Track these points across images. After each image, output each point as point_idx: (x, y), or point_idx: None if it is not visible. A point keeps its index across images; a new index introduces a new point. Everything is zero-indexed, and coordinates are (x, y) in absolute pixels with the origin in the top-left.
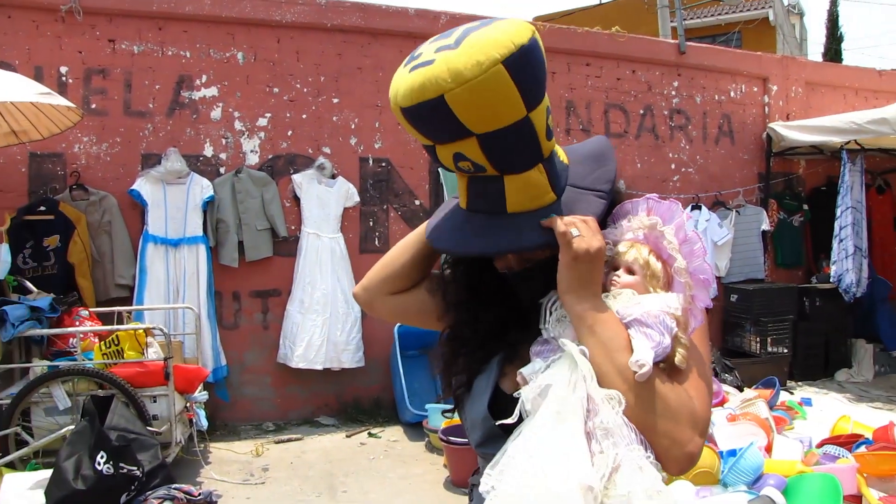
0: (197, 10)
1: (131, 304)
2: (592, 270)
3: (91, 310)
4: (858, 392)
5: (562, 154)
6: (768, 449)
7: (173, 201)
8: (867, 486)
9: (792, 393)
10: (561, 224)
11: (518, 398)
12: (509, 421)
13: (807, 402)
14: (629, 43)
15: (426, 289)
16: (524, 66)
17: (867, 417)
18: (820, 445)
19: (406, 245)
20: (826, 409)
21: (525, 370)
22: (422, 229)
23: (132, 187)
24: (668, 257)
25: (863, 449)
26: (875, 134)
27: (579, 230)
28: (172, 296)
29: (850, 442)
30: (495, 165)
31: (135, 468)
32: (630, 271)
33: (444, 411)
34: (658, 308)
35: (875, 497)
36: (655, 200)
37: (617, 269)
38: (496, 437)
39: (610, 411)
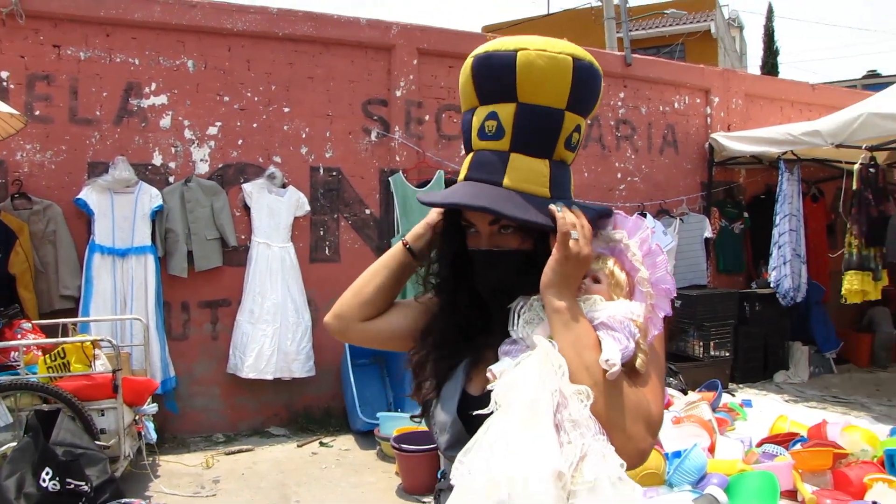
0: (146, 17)
1: (76, 316)
2: (577, 273)
3: (34, 322)
4: (795, 392)
5: (570, 186)
6: (711, 449)
7: (121, 210)
8: (802, 482)
9: (733, 395)
10: (565, 223)
11: (487, 397)
12: (484, 412)
13: (747, 403)
14: None
15: (397, 312)
16: (585, 74)
17: (803, 416)
18: (759, 445)
19: (376, 269)
20: (765, 409)
21: (495, 367)
22: (392, 251)
23: (78, 196)
24: (631, 268)
25: (798, 446)
26: (809, 145)
27: (578, 233)
28: (120, 307)
29: (787, 440)
30: (513, 136)
31: (83, 483)
32: (596, 280)
33: (412, 416)
34: (623, 314)
35: (808, 491)
36: (622, 216)
37: (585, 277)
38: (464, 441)
39: (578, 405)
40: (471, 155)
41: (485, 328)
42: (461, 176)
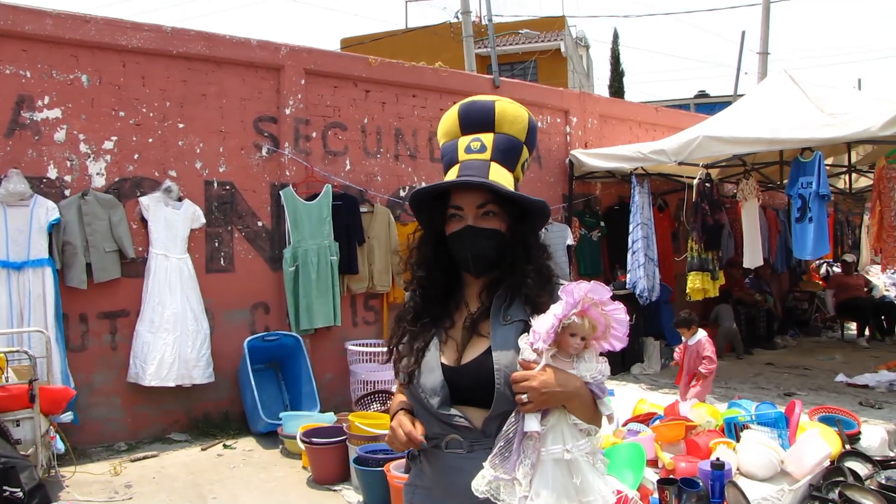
0: (38, 30)
1: None
2: (553, 399)
3: None
4: (650, 382)
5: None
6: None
7: (15, 223)
8: (662, 451)
9: None
10: (517, 387)
11: (461, 367)
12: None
13: (610, 392)
14: (450, 77)
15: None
16: (533, 124)
17: (658, 400)
18: (625, 424)
19: None
20: (626, 396)
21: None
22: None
23: None
24: (599, 320)
25: (657, 423)
26: (656, 162)
27: (527, 394)
28: (17, 320)
29: (647, 419)
30: (493, 151)
31: (17, 490)
32: (583, 338)
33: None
34: (602, 376)
35: (667, 458)
36: (598, 284)
37: (574, 335)
38: (449, 401)
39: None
40: (458, 164)
41: (447, 311)
42: (452, 176)
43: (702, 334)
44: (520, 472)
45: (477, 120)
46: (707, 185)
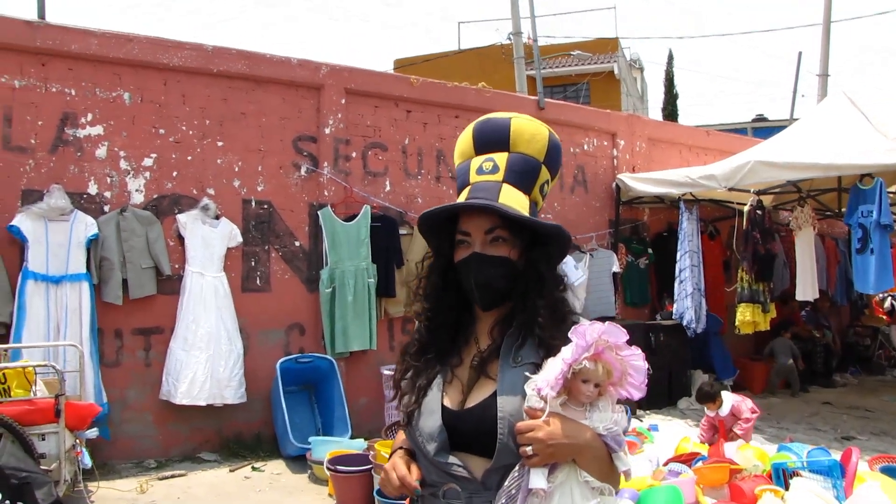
0: (83, 49)
1: (8, 342)
2: (562, 452)
3: None
4: (697, 417)
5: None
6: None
7: (55, 238)
8: (703, 495)
9: (641, 420)
10: (522, 438)
11: (464, 412)
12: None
13: (654, 427)
14: (494, 98)
15: None
16: (555, 142)
17: None
18: (666, 464)
19: None
20: (670, 432)
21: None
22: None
23: (11, 223)
24: (615, 366)
25: (700, 464)
26: (706, 187)
27: (532, 446)
28: (53, 333)
29: (689, 459)
30: (506, 172)
31: None
32: (597, 385)
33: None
34: (618, 427)
35: (708, 503)
36: (613, 326)
37: (587, 381)
38: (448, 448)
39: None
40: (468, 187)
41: (455, 346)
42: (461, 199)
43: (731, 399)
44: None
45: (491, 139)
46: (759, 212)
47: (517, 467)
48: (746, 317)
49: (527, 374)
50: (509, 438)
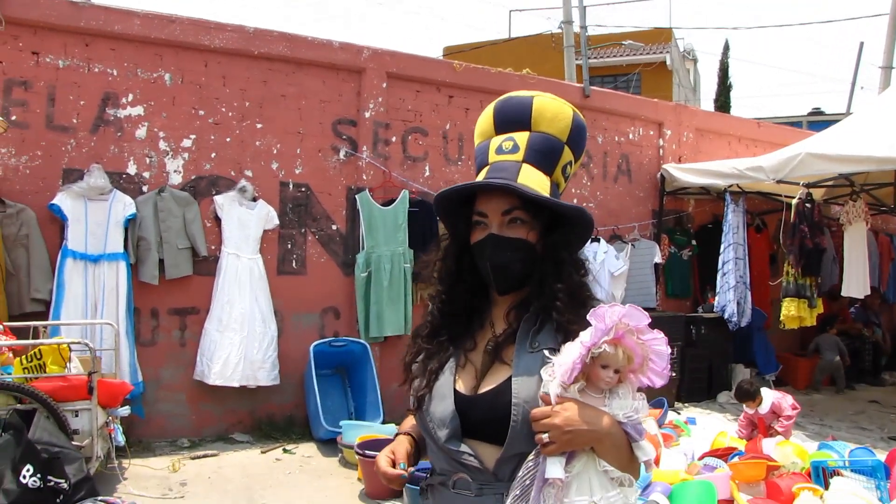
0: (126, 30)
1: (47, 319)
2: (580, 439)
3: (4, 324)
4: (736, 412)
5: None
6: (656, 462)
7: (94, 217)
8: (738, 491)
9: (679, 413)
10: (537, 425)
11: (477, 397)
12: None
13: (692, 420)
14: (538, 85)
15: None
16: (579, 122)
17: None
18: (701, 458)
19: None
20: (708, 426)
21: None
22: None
23: (52, 202)
24: (636, 350)
25: (736, 459)
26: (753, 179)
27: (548, 433)
28: (90, 311)
29: (726, 454)
30: (527, 152)
31: (62, 481)
32: (616, 370)
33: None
34: (638, 415)
35: (744, 500)
36: (634, 308)
37: (607, 366)
38: (459, 436)
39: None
40: (487, 167)
41: (470, 330)
42: (479, 178)
43: (772, 396)
44: None
45: (512, 118)
46: (808, 205)
47: (531, 456)
48: (791, 311)
49: (547, 356)
50: (523, 426)
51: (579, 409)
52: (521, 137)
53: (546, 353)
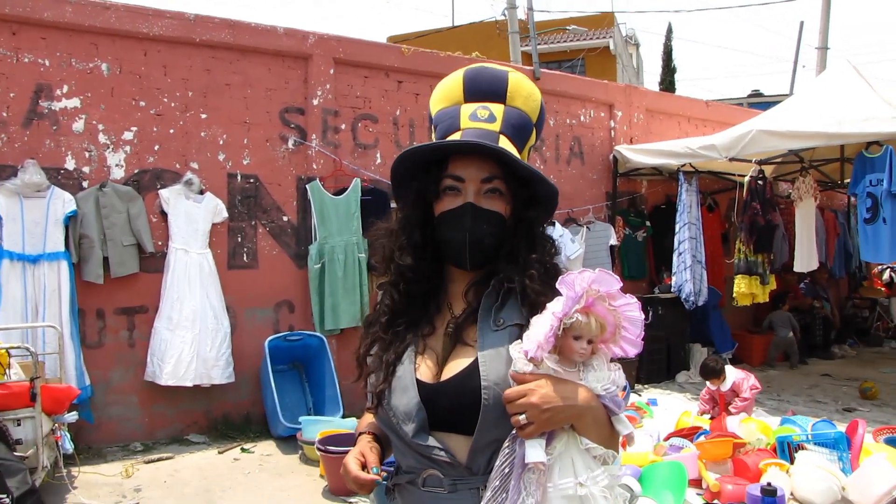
0: (57, 18)
1: None
2: (560, 417)
3: None
4: (696, 391)
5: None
6: (623, 444)
7: (31, 216)
8: (706, 470)
9: (640, 395)
10: (513, 406)
11: (441, 385)
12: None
13: (653, 402)
14: None
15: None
16: (544, 108)
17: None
18: (667, 438)
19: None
20: (670, 407)
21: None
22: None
23: None
24: (607, 318)
25: (702, 439)
26: (706, 158)
27: (525, 413)
28: (31, 314)
29: (691, 434)
30: (503, 123)
31: (3, 496)
32: (590, 341)
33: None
34: (616, 387)
35: (712, 478)
36: (604, 272)
37: (579, 337)
38: (427, 428)
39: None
40: (459, 132)
41: (426, 312)
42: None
43: (734, 375)
44: None
45: (486, 88)
46: (759, 182)
47: (507, 441)
48: (742, 288)
49: (510, 336)
50: (494, 409)
51: (555, 384)
52: (497, 109)
53: (514, 331)
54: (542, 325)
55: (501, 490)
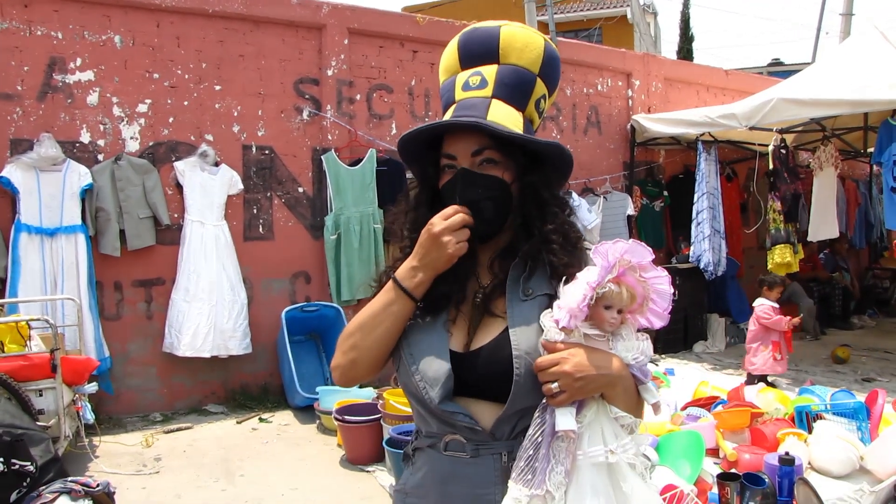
0: None
1: (3, 297)
2: (592, 386)
3: None
4: (713, 361)
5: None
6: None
7: (48, 189)
8: (723, 440)
9: (657, 364)
10: (545, 374)
11: (471, 353)
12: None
13: (670, 371)
14: None
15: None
16: (552, 53)
17: (722, 382)
18: (684, 408)
19: (375, 318)
20: (687, 377)
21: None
22: (388, 304)
23: (1, 174)
24: (637, 289)
25: (719, 408)
26: (726, 127)
27: (558, 381)
28: (50, 287)
29: (708, 403)
30: (496, 86)
31: (28, 463)
32: (619, 311)
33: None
34: (644, 357)
35: (729, 448)
36: (637, 244)
37: (610, 307)
38: (451, 395)
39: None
40: (454, 105)
41: (462, 286)
42: (446, 117)
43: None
44: (551, 482)
45: (478, 51)
46: (783, 151)
47: (538, 411)
48: (786, 258)
49: (540, 306)
50: (526, 379)
51: (587, 353)
52: (489, 71)
53: (544, 301)
54: (574, 294)
55: (535, 459)
